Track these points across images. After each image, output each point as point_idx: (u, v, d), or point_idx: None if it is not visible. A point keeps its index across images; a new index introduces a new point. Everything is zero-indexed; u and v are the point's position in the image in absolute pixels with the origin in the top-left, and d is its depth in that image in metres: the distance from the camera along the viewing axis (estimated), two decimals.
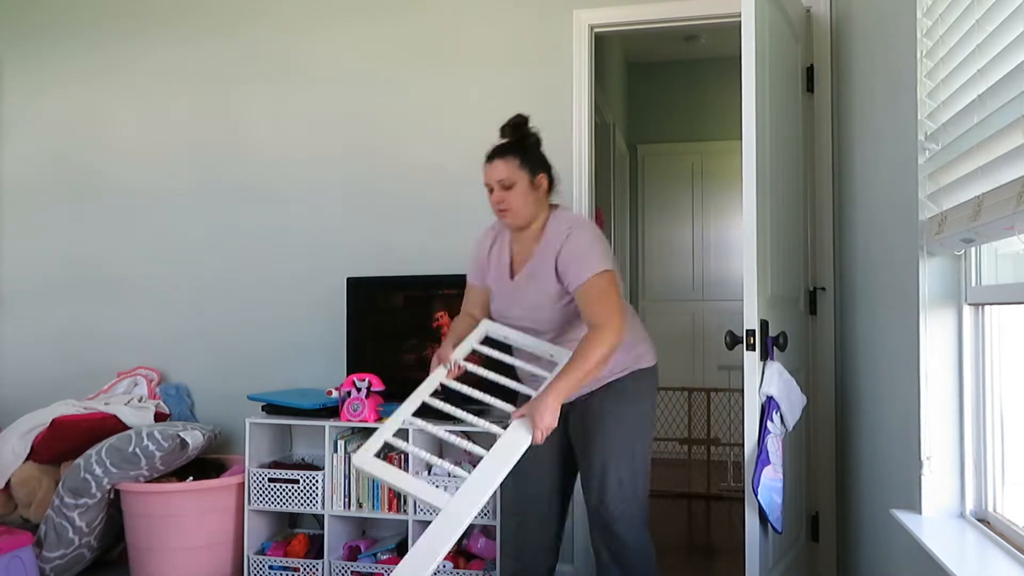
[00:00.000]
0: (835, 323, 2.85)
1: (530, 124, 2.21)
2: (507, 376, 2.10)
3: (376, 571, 2.80)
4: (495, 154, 2.16)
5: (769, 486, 2.21)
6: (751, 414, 2.24)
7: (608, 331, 1.95)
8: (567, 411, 2.17)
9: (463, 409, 1.99)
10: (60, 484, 2.83)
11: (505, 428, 1.91)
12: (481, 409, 3.00)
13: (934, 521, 1.73)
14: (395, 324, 3.02)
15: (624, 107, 5.52)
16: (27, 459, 3.00)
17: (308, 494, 2.87)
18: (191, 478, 2.94)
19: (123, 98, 3.57)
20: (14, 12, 3.71)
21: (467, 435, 3.00)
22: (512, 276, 2.21)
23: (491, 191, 2.15)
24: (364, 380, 2.86)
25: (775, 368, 2.30)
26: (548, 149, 3.07)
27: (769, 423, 2.24)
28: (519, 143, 2.17)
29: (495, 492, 2.68)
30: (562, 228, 2.11)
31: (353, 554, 2.89)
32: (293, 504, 2.88)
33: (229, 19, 3.46)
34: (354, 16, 3.32)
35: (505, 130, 2.19)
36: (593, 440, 2.17)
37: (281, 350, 3.33)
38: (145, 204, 3.51)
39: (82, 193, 3.58)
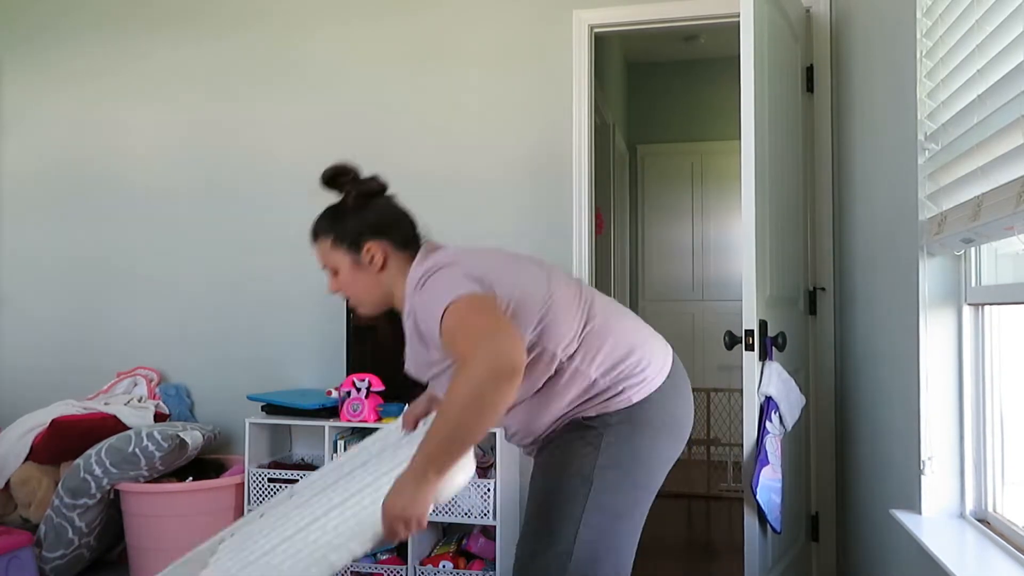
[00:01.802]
0: (835, 323, 2.85)
1: (355, 174, 1.63)
2: None
3: (376, 571, 2.80)
4: (312, 234, 1.67)
5: (768, 486, 2.21)
6: (750, 414, 2.24)
7: (468, 365, 1.28)
8: None
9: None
10: (60, 484, 2.83)
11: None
12: None
13: (934, 521, 1.73)
14: (395, 324, 3.02)
15: (624, 107, 5.52)
16: (27, 459, 3.00)
17: None
18: (191, 478, 2.94)
19: (123, 98, 3.56)
20: (14, 12, 3.71)
21: None
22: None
23: None
24: (364, 380, 2.86)
25: (774, 368, 2.30)
26: (548, 149, 3.09)
27: (768, 423, 2.24)
28: (333, 211, 1.64)
29: (495, 489, 2.68)
30: (410, 288, 1.54)
31: None
32: None
33: (229, 20, 3.45)
34: (354, 17, 3.32)
35: (323, 185, 1.63)
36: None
37: (281, 350, 3.33)
38: (145, 204, 3.50)
39: (82, 193, 3.58)
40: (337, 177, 1.62)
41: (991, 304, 1.65)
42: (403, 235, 1.65)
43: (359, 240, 1.59)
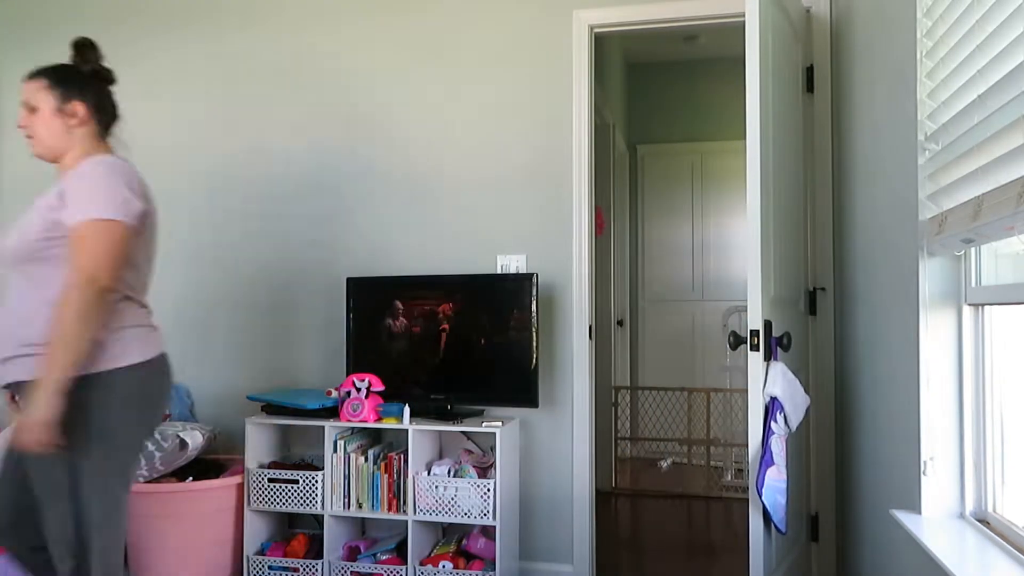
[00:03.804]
0: (835, 323, 2.85)
1: (102, 56, 2.03)
2: None
3: (376, 571, 2.80)
4: (29, 74, 1.96)
5: (773, 487, 2.21)
6: (755, 415, 2.23)
7: (77, 284, 1.66)
8: None
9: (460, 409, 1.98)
10: None
11: (503, 425, 1.90)
12: (481, 410, 3.00)
13: (934, 521, 1.73)
14: (395, 324, 3.02)
15: (624, 107, 5.52)
16: None
17: (308, 494, 2.87)
18: (191, 478, 2.94)
19: (122, 98, 3.55)
20: (14, 12, 3.71)
21: (466, 435, 3.00)
22: None
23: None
24: (364, 380, 2.86)
25: (779, 368, 2.30)
26: (548, 149, 3.10)
27: (773, 423, 2.24)
28: (64, 66, 1.96)
29: (495, 489, 2.68)
30: (85, 163, 1.80)
31: (352, 554, 2.89)
32: (293, 504, 2.88)
33: (230, 21, 3.45)
34: (355, 17, 3.32)
35: (73, 47, 2.00)
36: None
37: (281, 350, 3.33)
38: None
39: None
40: (88, 50, 1.98)
41: (991, 304, 1.66)
42: (105, 122, 2.03)
43: (72, 96, 1.93)
